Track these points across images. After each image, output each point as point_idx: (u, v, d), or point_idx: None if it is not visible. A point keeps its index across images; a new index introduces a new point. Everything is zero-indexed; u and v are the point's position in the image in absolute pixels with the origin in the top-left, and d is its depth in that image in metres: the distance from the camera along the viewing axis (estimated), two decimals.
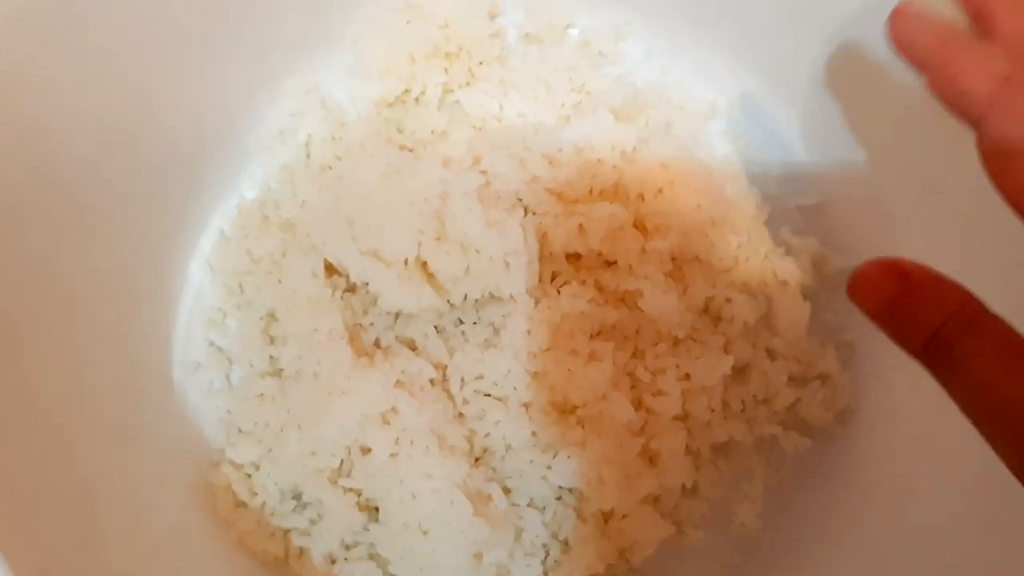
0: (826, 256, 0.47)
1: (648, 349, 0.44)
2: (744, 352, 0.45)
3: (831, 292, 0.46)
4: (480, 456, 0.42)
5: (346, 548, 0.42)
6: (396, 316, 0.44)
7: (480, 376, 0.42)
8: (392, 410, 0.40)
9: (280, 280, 0.45)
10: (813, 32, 0.45)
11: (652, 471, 0.42)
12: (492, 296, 0.43)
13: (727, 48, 0.49)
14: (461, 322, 0.44)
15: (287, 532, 0.43)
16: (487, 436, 0.42)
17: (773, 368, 0.45)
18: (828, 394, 0.45)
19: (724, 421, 0.44)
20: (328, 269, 0.45)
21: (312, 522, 0.42)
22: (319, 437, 0.41)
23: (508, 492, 0.42)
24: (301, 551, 0.42)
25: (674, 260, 0.45)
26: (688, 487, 0.43)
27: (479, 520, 0.39)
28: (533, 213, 0.44)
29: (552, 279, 0.44)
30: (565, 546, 0.42)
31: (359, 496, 0.41)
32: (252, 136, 0.49)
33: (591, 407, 0.41)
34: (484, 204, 0.43)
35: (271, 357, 0.45)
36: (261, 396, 0.43)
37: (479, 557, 0.40)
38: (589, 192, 0.45)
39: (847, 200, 0.47)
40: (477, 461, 0.42)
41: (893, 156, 0.44)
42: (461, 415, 0.42)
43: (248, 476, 0.43)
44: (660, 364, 0.43)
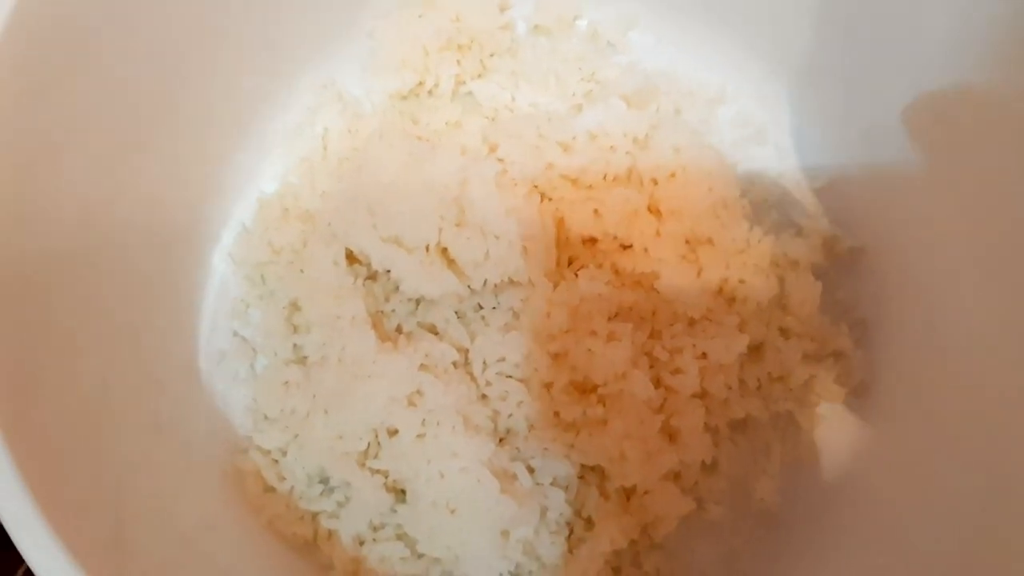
0: (836, 236, 0.48)
1: (665, 329, 0.44)
2: (758, 331, 0.45)
3: (843, 271, 0.47)
4: (504, 436, 0.43)
5: (374, 529, 0.43)
6: (417, 303, 0.45)
7: (502, 358, 0.43)
8: (417, 392, 0.41)
9: (302, 270, 0.46)
10: (819, 16, 0.46)
11: (672, 448, 0.42)
12: (511, 281, 0.44)
13: (734, 35, 0.51)
14: (481, 307, 0.45)
15: (316, 515, 0.43)
16: (510, 417, 0.43)
17: (787, 346, 0.46)
18: (842, 370, 0.46)
19: (741, 398, 0.45)
20: (349, 258, 0.46)
21: (340, 505, 0.43)
22: (346, 421, 0.41)
23: (531, 471, 0.43)
24: (330, 533, 0.43)
25: (688, 243, 0.46)
26: (708, 463, 0.44)
27: (506, 498, 0.40)
28: (549, 199, 0.45)
29: (569, 263, 0.45)
30: (588, 523, 0.43)
31: (386, 478, 0.42)
32: (270, 131, 0.50)
33: (611, 386, 0.42)
34: (501, 191, 0.44)
35: (295, 345, 0.45)
36: (286, 383, 0.44)
37: (506, 535, 0.41)
38: (604, 178, 0.46)
39: (857, 180, 0.47)
40: (501, 441, 0.43)
41: (901, 137, 0.45)
42: (484, 396, 0.43)
43: (275, 462, 0.44)
44: (677, 344, 0.44)
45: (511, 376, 0.43)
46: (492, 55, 0.51)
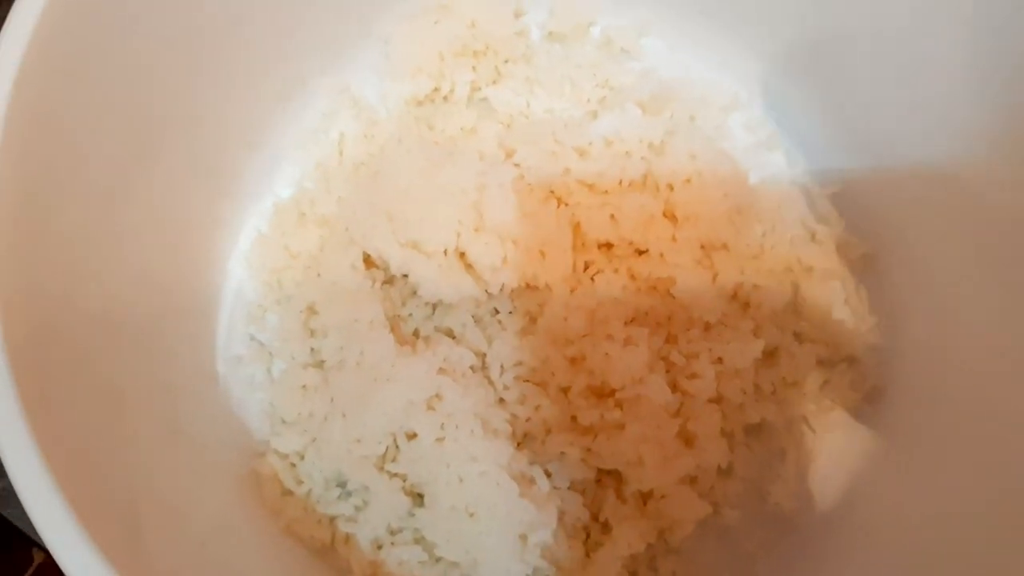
0: (850, 241, 0.48)
1: (681, 334, 0.45)
2: (773, 336, 0.46)
3: (856, 276, 0.47)
4: (521, 440, 0.43)
5: (392, 533, 0.43)
6: (434, 307, 0.45)
7: (519, 363, 0.43)
8: (436, 396, 0.41)
9: (319, 274, 0.46)
10: (832, 24, 0.47)
11: (689, 452, 0.43)
12: (528, 285, 0.44)
13: (747, 41, 0.51)
14: (497, 311, 0.45)
15: (333, 519, 0.43)
16: (528, 421, 0.43)
17: (802, 351, 0.46)
18: (856, 375, 0.46)
19: (756, 403, 0.45)
20: (366, 262, 0.46)
21: (358, 508, 0.43)
22: (364, 424, 0.42)
23: (549, 475, 0.43)
24: (348, 537, 0.43)
25: (703, 248, 0.46)
26: (723, 468, 0.44)
27: (525, 502, 0.40)
28: (566, 204, 0.46)
29: (585, 268, 0.45)
30: (605, 527, 0.43)
31: (404, 481, 0.42)
32: (286, 136, 0.50)
33: (628, 390, 0.42)
34: (518, 196, 0.44)
35: (312, 349, 0.46)
36: (304, 387, 0.44)
37: (524, 539, 0.41)
38: (620, 183, 0.46)
39: (870, 187, 0.48)
40: (519, 445, 0.43)
41: (915, 144, 0.45)
42: (502, 400, 0.43)
43: (293, 465, 0.44)
44: (693, 348, 0.44)
45: (528, 380, 0.43)
46: (507, 61, 0.51)
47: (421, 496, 0.42)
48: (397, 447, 0.42)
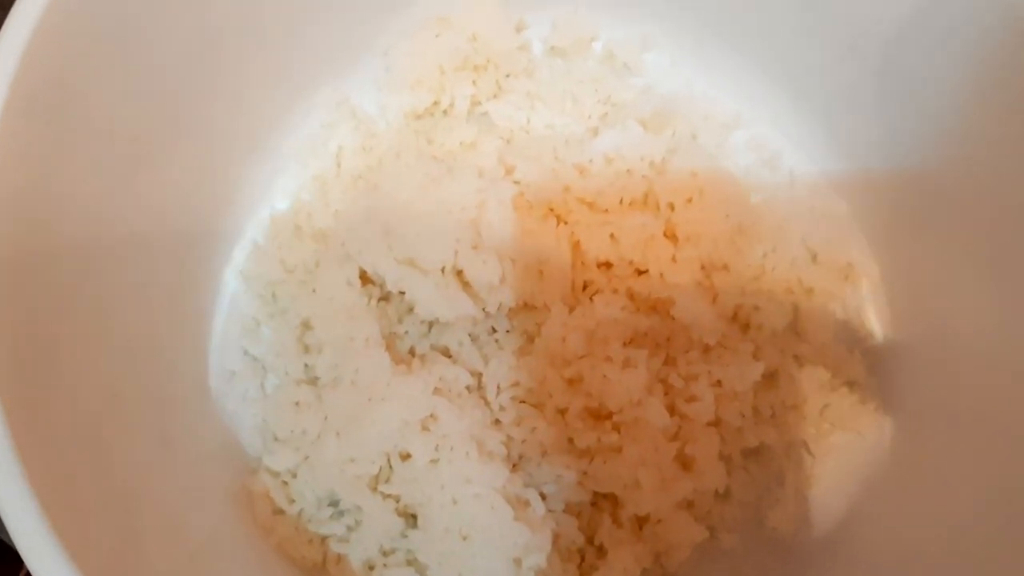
0: (851, 263, 0.47)
1: (680, 356, 0.44)
2: (773, 358, 0.45)
3: (858, 299, 0.47)
4: (516, 462, 0.43)
5: (384, 554, 0.42)
6: (430, 325, 0.45)
7: (516, 383, 0.43)
8: (431, 416, 0.41)
9: (314, 289, 0.45)
10: (834, 41, 0.46)
11: (687, 475, 0.42)
12: (526, 305, 0.44)
13: (750, 58, 0.50)
14: (494, 330, 0.45)
15: (325, 539, 0.43)
16: (523, 442, 0.42)
17: (802, 374, 0.46)
18: (856, 399, 0.46)
19: (755, 426, 0.44)
20: (362, 278, 0.45)
21: (350, 529, 0.43)
22: (358, 444, 0.41)
23: (544, 497, 0.42)
24: (339, 558, 0.43)
25: (703, 268, 0.46)
26: (721, 491, 0.43)
27: (519, 525, 0.39)
28: (565, 222, 0.45)
29: (584, 287, 0.45)
30: (600, 551, 0.43)
31: (397, 502, 0.42)
32: (283, 147, 0.50)
33: (626, 413, 0.42)
34: (518, 213, 0.44)
35: (306, 365, 0.45)
36: (297, 404, 0.44)
37: (518, 562, 0.40)
38: (620, 202, 0.46)
39: (873, 208, 0.47)
40: (514, 467, 0.42)
41: (918, 165, 0.45)
42: (498, 421, 0.42)
43: (285, 483, 0.44)
44: (692, 370, 0.44)
45: (525, 401, 0.43)
46: (508, 76, 0.51)
47: (414, 517, 0.42)
48: (391, 467, 0.42)
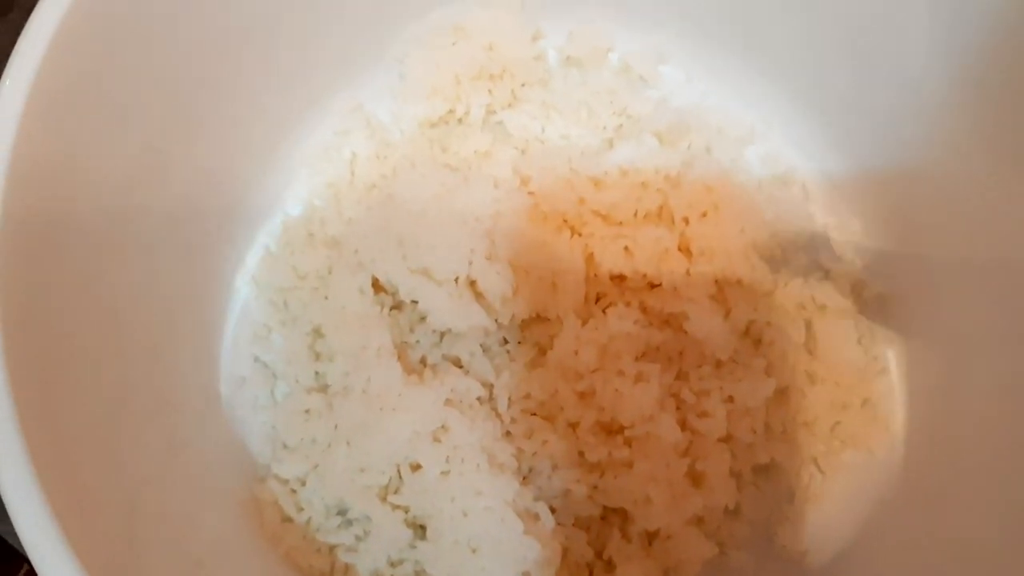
0: (864, 281, 0.47)
1: (692, 371, 0.44)
2: (785, 375, 0.45)
3: (870, 316, 0.47)
4: (527, 475, 0.42)
5: (392, 565, 0.42)
6: (442, 335, 0.45)
7: (527, 395, 0.43)
8: (443, 428, 0.41)
9: (326, 297, 0.45)
10: (850, 55, 0.46)
11: (697, 492, 0.42)
12: (539, 316, 0.43)
13: (765, 72, 0.50)
14: (506, 341, 0.45)
15: (333, 548, 0.43)
16: (534, 455, 0.42)
17: (813, 391, 0.45)
18: (868, 416, 0.45)
19: (766, 443, 0.44)
20: (374, 286, 0.45)
21: (358, 538, 0.42)
22: (369, 453, 0.41)
23: (553, 511, 0.42)
24: (347, 568, 0.42)
25: (717, 283, 0.45)
26: (731, 508, 0.43)
27: (529, 538, 0.39)
28: (579, 234, 0.45)
29: (597, 300, 0.45)
30: (609, 565, 0.43)
31: (407, 513, 0.42)
32: (297, 154, 0.50)
33: (638, 427, 0.42)
34: (532, 225, 0.44)
35: (317, 373, 0.45)
36: (307, 412, 0.44)
37: None
38: (635, 215, 0.45)
39: (886, 224, 0.47)
40: (524, 480, 0.42)
41: (932, 179, 0.45)
42: (509, 434, 0.42)
43: (294, 492, 0.43)
44: (704, 386, 0.43)
45: (536, 414, 0.43)
46: (524, 85, 0.50)
47: (423, 528, 0.42)
48: (401, 478, 0.41)
